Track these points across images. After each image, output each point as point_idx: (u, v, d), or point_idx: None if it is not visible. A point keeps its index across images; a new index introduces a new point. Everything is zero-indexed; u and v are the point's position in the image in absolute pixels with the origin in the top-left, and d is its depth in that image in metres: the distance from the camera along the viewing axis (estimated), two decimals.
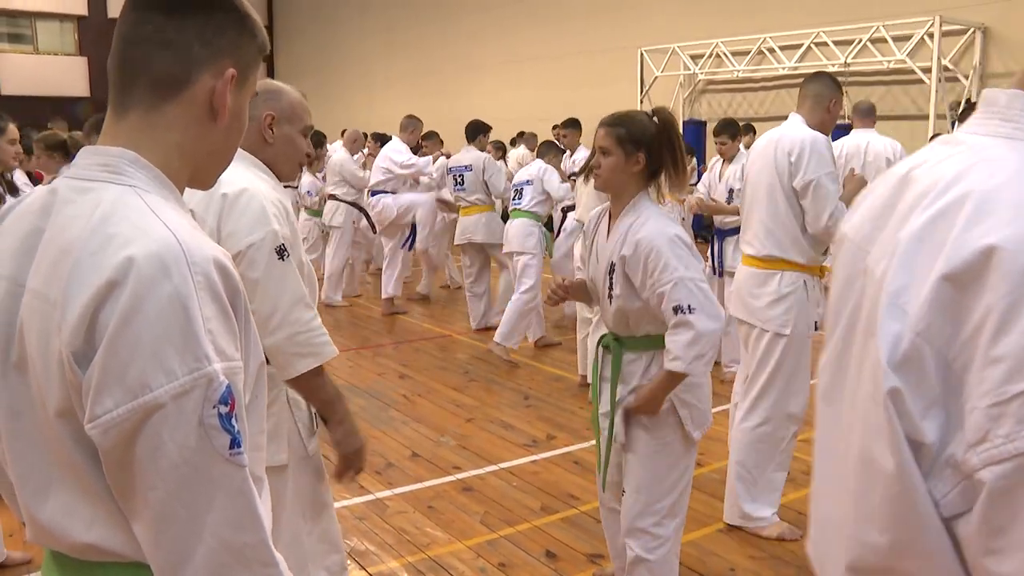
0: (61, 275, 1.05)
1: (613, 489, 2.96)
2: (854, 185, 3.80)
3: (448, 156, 8.71)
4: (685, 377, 2.60)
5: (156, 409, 1.00)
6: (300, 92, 2.41)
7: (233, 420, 1.05)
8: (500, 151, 9.26)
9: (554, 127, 13.15)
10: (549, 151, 7.35)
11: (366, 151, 9.80)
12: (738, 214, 5.74)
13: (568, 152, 8.02)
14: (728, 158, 6.22)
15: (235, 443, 1.05)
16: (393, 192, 8.36)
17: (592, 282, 2.86)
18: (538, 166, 7.11)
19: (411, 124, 8.45)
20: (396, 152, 8.34)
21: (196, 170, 1.23)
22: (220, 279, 1.07)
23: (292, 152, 2.35)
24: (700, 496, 4.12)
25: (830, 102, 3.69)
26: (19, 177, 4.94)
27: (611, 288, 2.70)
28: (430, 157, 8.88)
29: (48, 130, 10.76)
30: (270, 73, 27.14)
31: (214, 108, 1.19)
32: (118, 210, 1.08)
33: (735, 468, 3.78)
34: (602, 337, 2.87)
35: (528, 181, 7.03)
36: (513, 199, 7.08)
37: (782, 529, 3.73)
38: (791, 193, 3.58)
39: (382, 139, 10.45)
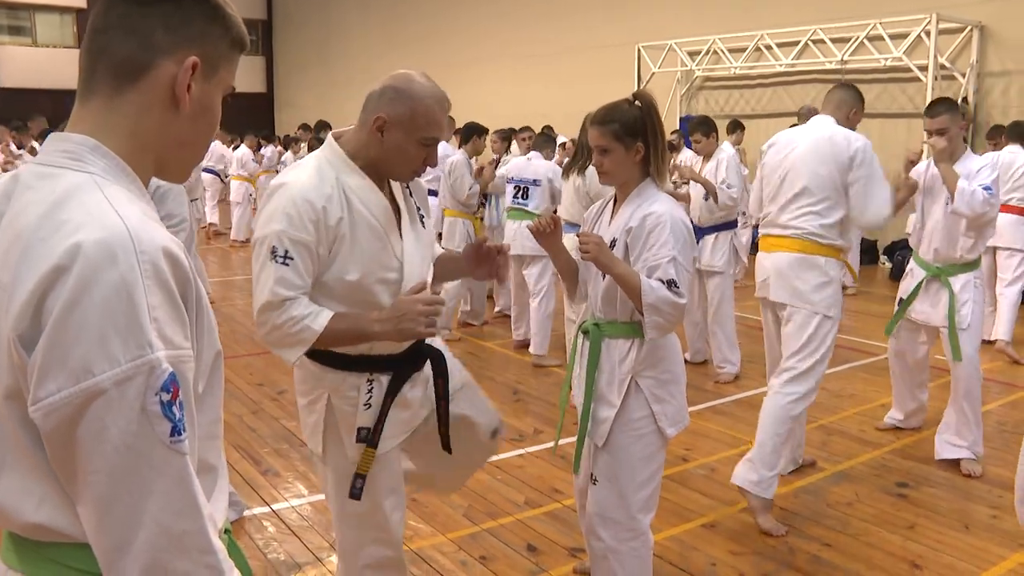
0: (12, 259, 1.06)
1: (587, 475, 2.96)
2: (906, 192, 4.25)
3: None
4: (640, 296, 2.57)
5: (98, 394, 1.01)
6: (438, 93, 2.27)
7: (175, 407, 1.06)
8: (506, 142, 8.96)
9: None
10: (546, 145, 7.06)
11: None
12: (713, 193, 5.83)
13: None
14: (706, 155, 6.16)
15: (176, 430, 1.06)
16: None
17: (586, 268, 2.85)
18: (547, 167, 6.74)
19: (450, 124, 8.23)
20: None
21: (163, 161, 1.24)
22: (169, 268, 1.07)
23: (402, 160, 2.25)
24: (683, 491, 4.13)
25: (851, 110, 4.01)
26: None
27: None
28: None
29: (24, 127, 10.70)
30: (269, 66, 27.16)
31: (175, 96, 1.19)
32: (72, 197, 1.08)
33: (768, 436, 3.80)
34: (582, 323, 2.88)
35: (535, 181, 6.66)
36: (516, 197, 6.73)
37: (771, 525, 3.74)
38: (844, 187, 3.85)
39: None
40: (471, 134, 7.27)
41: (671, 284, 2.57)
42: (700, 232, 5.99)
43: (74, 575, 1.13)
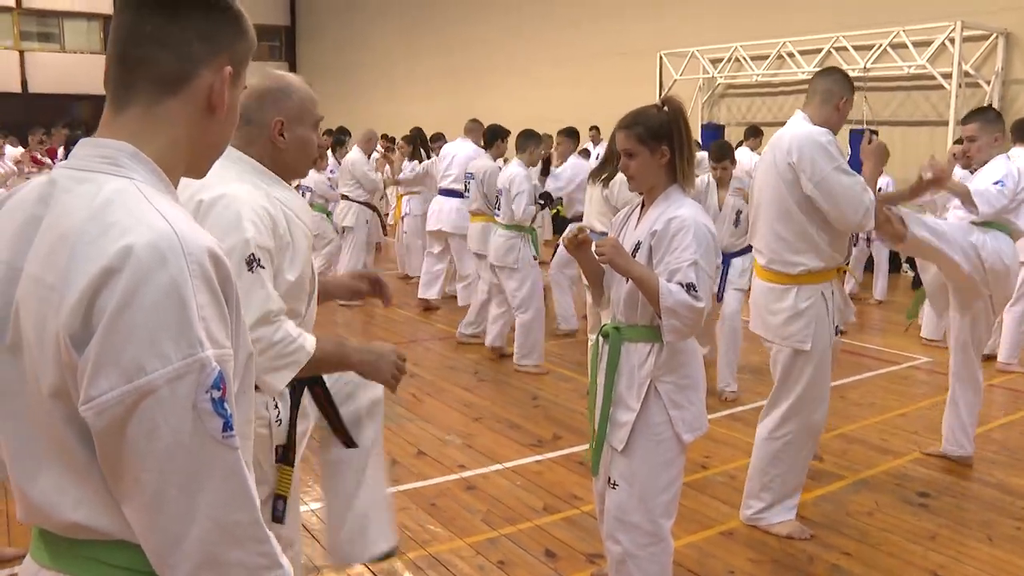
0: (59, 260, 1.09)
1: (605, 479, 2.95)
2: (872, 158, 3.61)
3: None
4: (658, 300, 2.58)
5: (150, 392, 1.04)
6: (304, 80, 2.30)
7: (225, 404, 1.09)
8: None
9: (591, 128, 13.17)
10: (528, 142, 6.64)
11: (381, 150, 9.83)
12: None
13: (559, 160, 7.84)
14: (724, 183, 5.88)
15: (227, 426, 1.09)
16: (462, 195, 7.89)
17: (609, 272, 2.86)
18: (508, 176, 6.45)
19: (476, 127, 8.10)
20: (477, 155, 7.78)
21: (192, 162, 1.28)
22: (213, 268, 1.11)
23: (305, 153, 2.27)
24: (703, 499, 4.12)
25: (840, 100, 3.54)
26: None
27: None
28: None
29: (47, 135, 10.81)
30: (292, 72, 27.33)
31: (212, 104, 1.24)
32: (117, 200, 1.12)
33: (756, 475, 3.79)
34: (603, 327, 2.88)
35: (500, 191, 6.53)
36: (494, 207, 6.66)
37: (792, 528, 3.73)
38: (800, 195, 3.45)
39: (434, 139, 10.32)
40: (495, 137, 7.28)
41: (690, 288, 2.58)
42: (726, 258, 5.74)
43: (112, 571, 1.15)
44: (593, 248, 2.68)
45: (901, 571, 3.44)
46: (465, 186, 7.23)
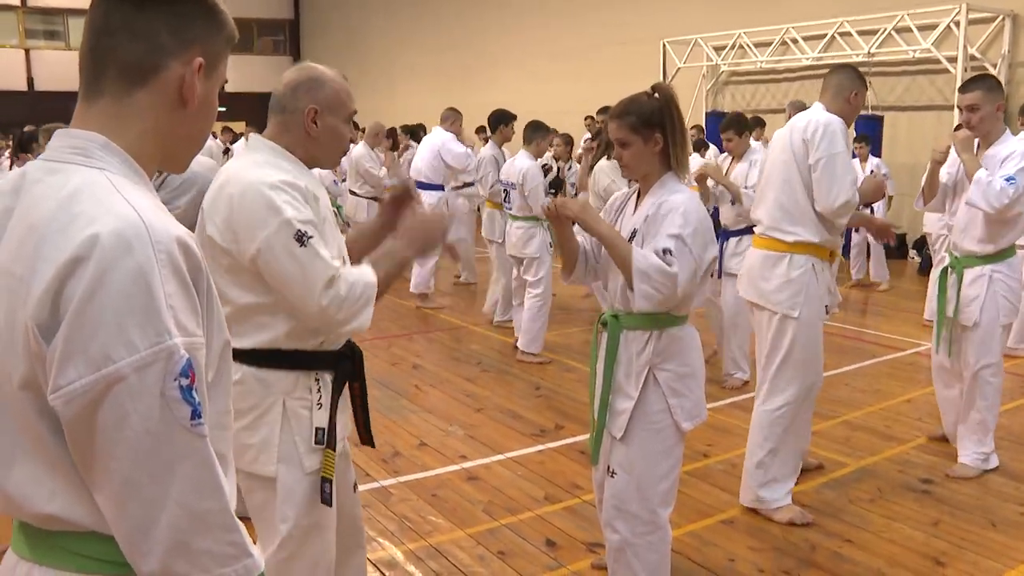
0: (27, 251, 1.09)
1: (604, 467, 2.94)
2: (870, 187, 3.85)
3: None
4: (629, 264, 2.57)
5: (118, 380, 1.04)
6: (342, 75, 2.33)
7: (194, 392, 1.08)
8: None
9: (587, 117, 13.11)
10: (536, 134, 6.68)
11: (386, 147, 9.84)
12: (738, 197, 5.63)
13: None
14: (737, 155, 5.86)
15: (195, 414, 1.09)
16: (442, 187, 8.17)
17: (607, 261, 2.84)
18: (519, 169, 6.51)
19: (451, 116, 8.28)
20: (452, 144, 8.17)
21: (167, 154, 1.28)
22: (182, 257, 1.10)
23: (337, 143, 2.28)
24: (703, 487, 4.11)
25: (851, 93, 3.73)
26: None
27: None
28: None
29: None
30: None
31: (182, 96, 1.23)
32: (85, 190, 1.11)
33: (754, 451, 3.79)
34: (601, 315, 2.87)
35: (512, 184, 6.55)
36: (504, 200, 6.74)
37: (794, 513, 3.73)
38: (807, 172, 3.65)
39: (413, 132, 10.40)
40: (497, 123, 7.35)
41: (666, 252, 2.56)
42: (726, 235, 5.76)
43: (86, 563, 1.15)
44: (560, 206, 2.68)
45: (903, 558, 3.43)
46: (505, 194, 6.89)
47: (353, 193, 8.70)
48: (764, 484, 3.77)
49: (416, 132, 11.02)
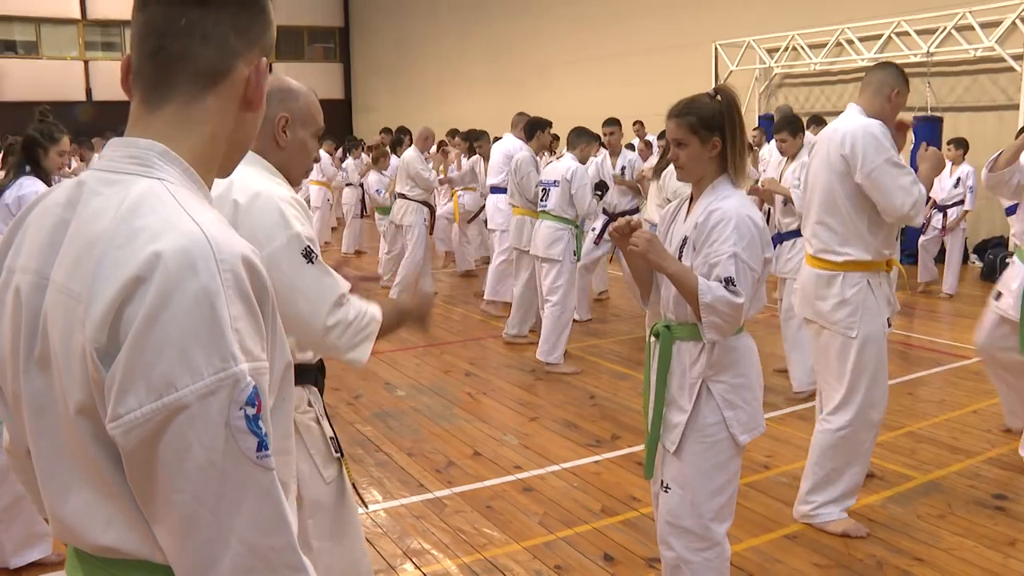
0: (86, 268, 1.03)
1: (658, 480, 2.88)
2: (929, 163, 3.63)
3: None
4: (695, 296, 2.50)
5: (181, 409, 0.98)
6: (313, 91, 2.28)
7: (260, 422, 1.02)
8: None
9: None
10: (580, 139, 6.61)
11: (433, 149, 9.87)
12: (790, 198, 5.58)
13: (611, 151, 7.79)
14: (791, 155, 5.87)
15: (262, 445, 1.02)
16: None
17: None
18: (566, 166, 6.46)
19: (521, 120, 8.05)
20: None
21: (224, 160, 1.24)
22: (248, 276, 1.05)
23: (303, 158, 2.22)
24: (766, 500, 4.01)
25: (892, 91, 3.55)
26: None
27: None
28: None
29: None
30: (347, 73, 27.62)
31: (248, 98, 1.19)
32: (146, 203, 1.06)
33: (812, 469, 3.70)
34: (654, 326, 2.81)
35: (555, 182, 6.45)
36: (540, 199, 6.59)
37: (847, 526, 3.63)
38: (851, 188, 3.49)
39: (475, 136, 10.37)
40: (533, 130, 7.22)
41: (728, 282, 2.49)
42: (779, 237, 5.75)
43: None
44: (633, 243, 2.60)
45: None
46: (544, 193, 6.79)
47: (403, 196, 8.71)
48: (818, 507, 3.68)
49: (477, 137, 10.81)
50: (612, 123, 7.97)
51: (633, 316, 8.05)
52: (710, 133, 2.60)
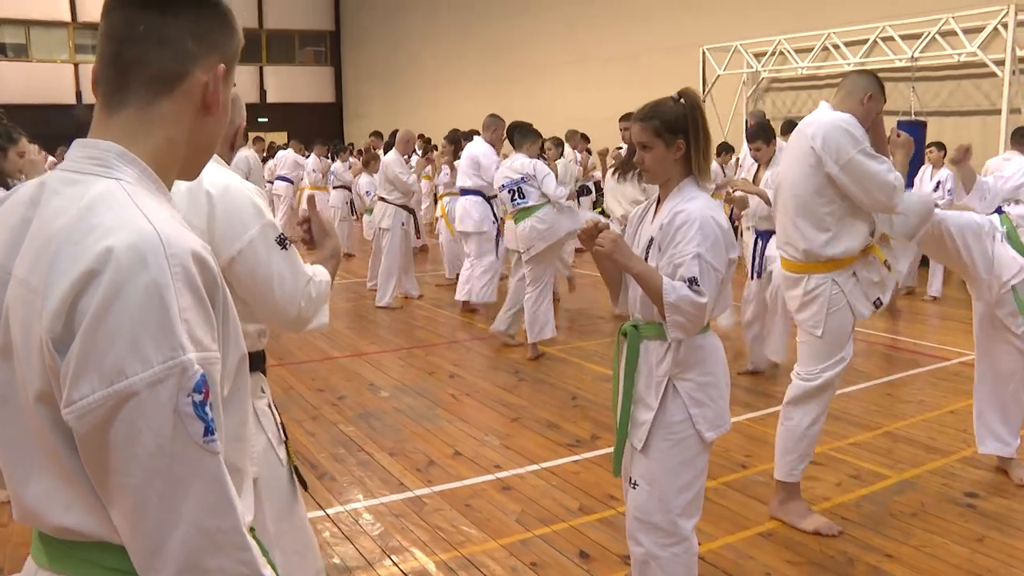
0: (43, 263, 1.09)
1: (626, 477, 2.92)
2: (901, 150, 3.64)
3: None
4: (660, 296, 2.54)
5: (131, 396, 1.03)
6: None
7: (207, 408, 1.07)
8: (559, 148, 9.14)
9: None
10: (526, 139, 6.90)
11: (419, 152, 9.87)
12: (768, 202, 5.65)
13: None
14: (764, 162, 6.05)
15: (209, 431, 1.07)
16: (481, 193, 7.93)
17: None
18: (522, 162, 6.74)
19: (493, 123, 8.08)
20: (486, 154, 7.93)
21: (186, 163, 1.28)
22: (198, 271, 1.09)
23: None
24: (741, 499, 4.05)
25: (865, 95, 3.55)
26: None
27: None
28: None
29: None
30: (337, 78, 27.64)
31: (206, 103, 1.23)
32: (102, 202, 1.11)
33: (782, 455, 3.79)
34: (622, 326, 2.85)
35: (522, 178, 6.68)
36: (513, 199, 6.74)
37: (819, 524, 3.68)
38: (820, 183, 3.48)
39: (459, 139, 10.41)
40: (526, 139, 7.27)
41: (692, 282, 2.53)
42: (765, 236, 5.84)
43: (102, 572, 1.15)
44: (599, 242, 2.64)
45: (946, 574, 3.34)
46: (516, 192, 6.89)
47: (383, 199, 8.74)
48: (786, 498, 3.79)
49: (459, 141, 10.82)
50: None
51: (616, 318, 8.08)
52: (674, 136, 2.64)
